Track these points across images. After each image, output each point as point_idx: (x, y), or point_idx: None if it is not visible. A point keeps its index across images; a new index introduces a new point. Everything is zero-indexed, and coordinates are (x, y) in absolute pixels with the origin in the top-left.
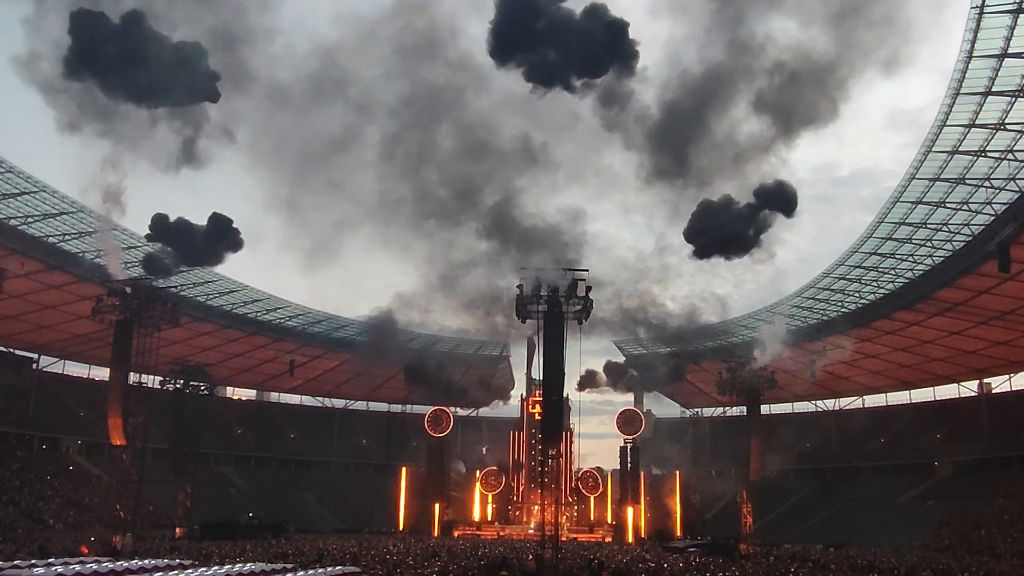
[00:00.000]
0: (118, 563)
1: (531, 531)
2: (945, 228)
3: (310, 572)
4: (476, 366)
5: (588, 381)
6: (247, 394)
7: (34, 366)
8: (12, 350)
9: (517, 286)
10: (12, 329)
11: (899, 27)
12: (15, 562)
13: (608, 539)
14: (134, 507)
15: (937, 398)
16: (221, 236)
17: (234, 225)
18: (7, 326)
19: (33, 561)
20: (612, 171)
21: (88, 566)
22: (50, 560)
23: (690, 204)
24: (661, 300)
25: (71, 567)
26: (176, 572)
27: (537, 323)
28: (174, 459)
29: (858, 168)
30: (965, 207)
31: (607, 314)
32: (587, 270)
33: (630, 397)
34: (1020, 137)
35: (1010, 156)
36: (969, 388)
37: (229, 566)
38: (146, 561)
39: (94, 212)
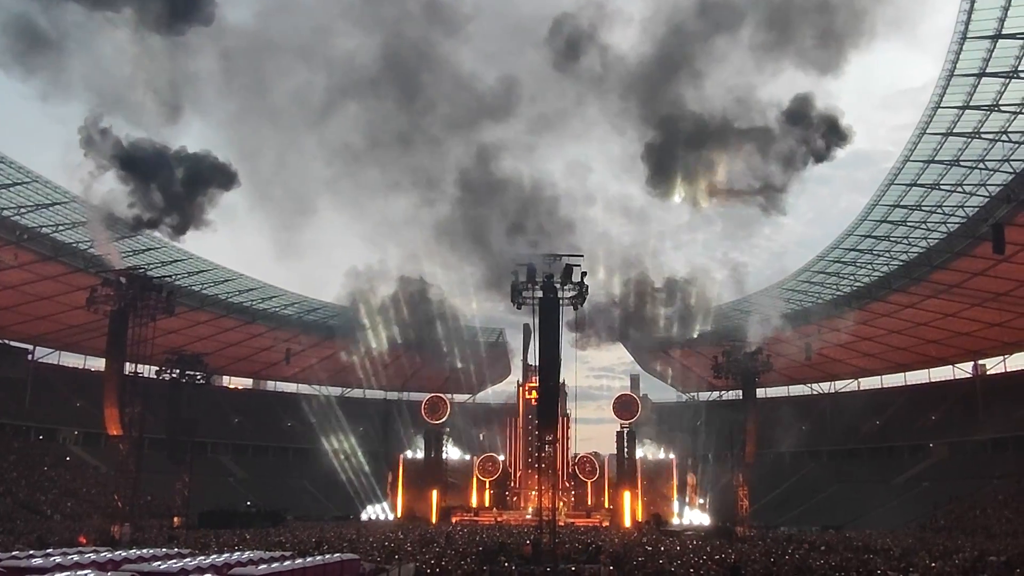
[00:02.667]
0: (116, 553)
1: (528, 516)
2: (940, 210)
3: (308, 560)
4: (472, 352)
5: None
6: (244, 383)
7: (30, 357)
8: (8, 341)
9: (512, 272)
10: (7, 320)
11: None
12: (13, 553)
13: (605, 524)
14: (132, 497)
15: (932, 380)
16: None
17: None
18: (2, 317)
19: (31, 552)
20: (599, 129)
21: (86, 556)
22: (48, 550)
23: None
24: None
25: (70, 557)
26: (175, 561)
27: (532, 309)
28: (171, 448)
29: (855, 149)
30: (960, 189)
31: (602, 298)
32: (582, 255)
33: (627, 381)
34: (1014, 118)
35: (1004, 137)
36: (964, 370)
37: (228, 554)
38: (145, 550)
39: (87, 201)
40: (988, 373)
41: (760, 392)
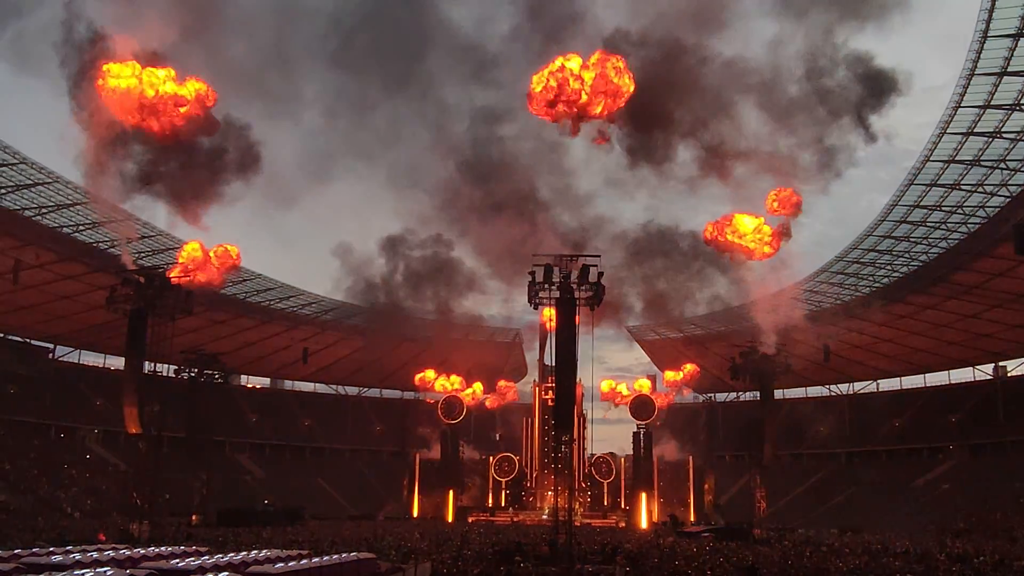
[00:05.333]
0: (135, 550)
1: (544, 517)
2: (960, 210)
3: (325, 558)
4: (489, 352)
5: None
6: (261, 382)
7: (50, 356)
8: (29, 340)
9: (529, 273)
10: (28, 319)
11: None
12: (34, 549)
13: (622, 524)
14: (150, 494)
15: (952, 382)
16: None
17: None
18: (23, 317)
19: (52, 548)
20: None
21: (105, 553)
22: (68, 547)
23: None
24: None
25: (89, 554)
26: (192, 559)
27: (550, 309)
28: (190, 447)
29: (875, 148)
30: (980, 189)
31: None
32: (599, 255)
33: (645, 382)
34: None
35: None
36: (984, 372)
37: (245, 553)
38: (163, 548)
39: (107, 201)
40: (1009, 375)
41: (778, 393)
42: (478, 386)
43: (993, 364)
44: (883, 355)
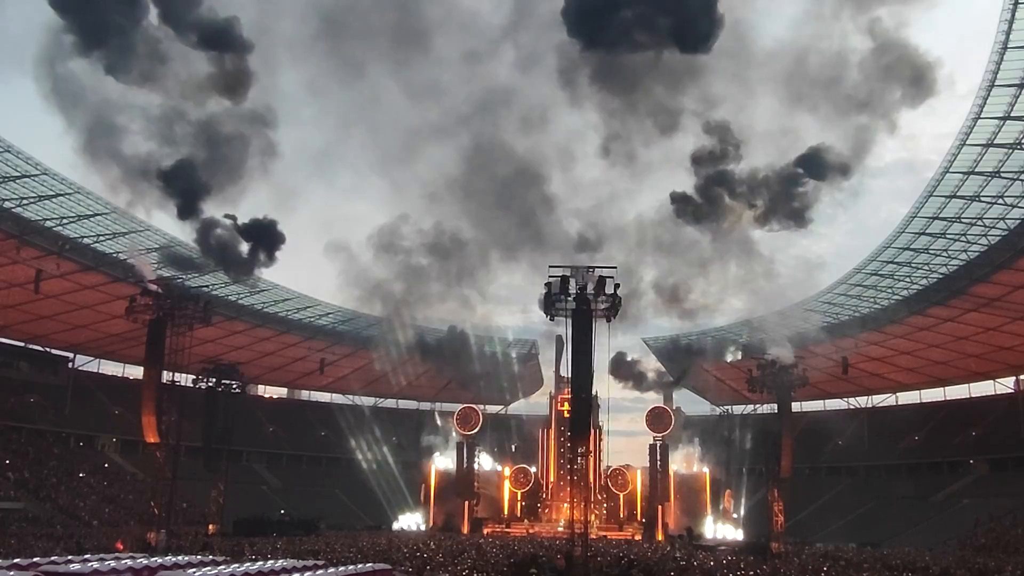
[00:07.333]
0: (152, 559)
1: (560, 529)
2: (980, 222)
3: (341, 569)
4: (505, 364)
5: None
6: (278, 392)
7: (70, 365)
8: (48, 349)
9: (545, 284)
10: (48, 329)
11: None
12: (52, 558)
13: (638, 537)
14: (168, 504)
15: (972, 395)
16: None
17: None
18: (43, 326)
19: (70, 557)
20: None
21: (123, 562)
22: (86, 556)
23: None
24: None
25: (107, 563)
26: (209, 568)
27: (565, 320)
28: (207, 456)
29: (896, 158)
30: (1000, 201)
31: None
32: (615, 267)
33: (660, 394)
34: None
35: None
36: (1005, 385)
37: (261, 562)
38: (180, 557)
39: (127, 212)
40: None
41: (795, 406)
42: None
43: (1014, 377)
44: (902, 368)
